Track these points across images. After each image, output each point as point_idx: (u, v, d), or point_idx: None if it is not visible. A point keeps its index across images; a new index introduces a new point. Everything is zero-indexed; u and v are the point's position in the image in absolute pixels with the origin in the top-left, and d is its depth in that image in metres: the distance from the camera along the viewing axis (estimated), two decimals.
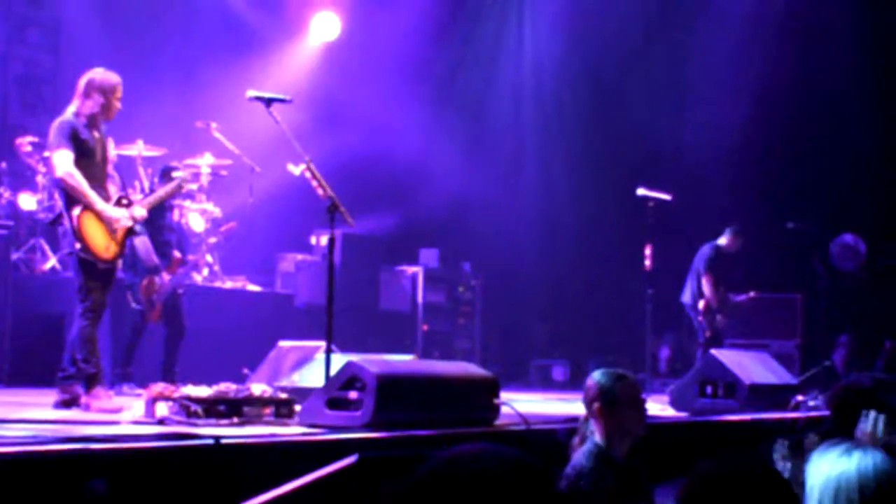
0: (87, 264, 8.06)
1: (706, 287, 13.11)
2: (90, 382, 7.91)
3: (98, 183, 8.23)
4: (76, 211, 8.01)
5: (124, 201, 8.39)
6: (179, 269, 10.91)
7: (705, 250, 13.30)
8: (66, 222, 8.05)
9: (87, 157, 8.13)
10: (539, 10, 17.90)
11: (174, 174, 8.91)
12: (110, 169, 8.55)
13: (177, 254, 10.99)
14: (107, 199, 8.26)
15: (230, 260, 13.36)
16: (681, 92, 17.11)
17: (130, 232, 8.38)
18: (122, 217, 8.21)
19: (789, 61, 16.38)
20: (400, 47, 16.76)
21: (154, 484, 5.04)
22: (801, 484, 3.58)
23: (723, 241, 13.34)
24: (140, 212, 8.45)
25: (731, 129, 16.45)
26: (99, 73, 8.41)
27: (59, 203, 8.20)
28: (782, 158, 16.28)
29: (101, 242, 8.09)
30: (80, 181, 8.00)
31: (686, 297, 13.38)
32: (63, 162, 8.01)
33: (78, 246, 7.99)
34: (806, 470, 3.61)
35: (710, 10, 16.93)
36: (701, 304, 13.13)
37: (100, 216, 8.08)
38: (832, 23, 16.27)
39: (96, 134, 8.28)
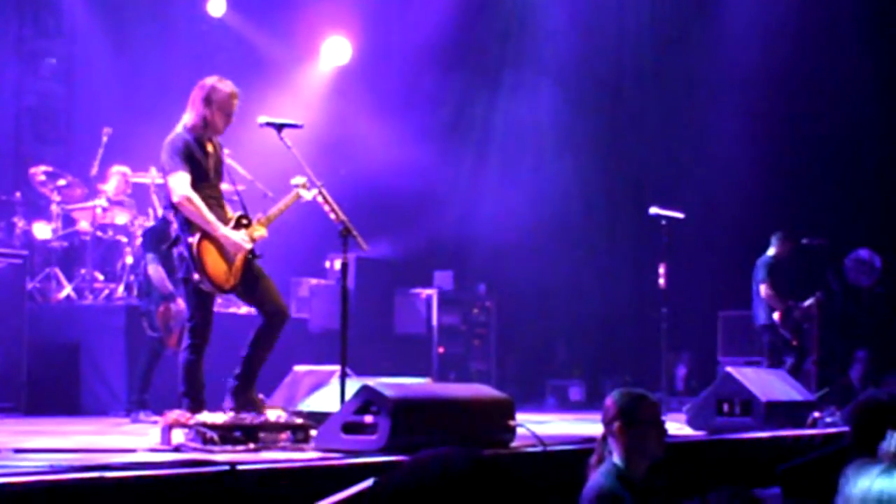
0: (203, 295, 7.70)
1: (767, 293, 12.91)
2: None
3: (216, 202, 7.79)
4: (194, 238, 7.53)
5: (244, 221, 7.90)
6: None
7: (760, 263, 13.17)
8: (182, 248, 7.61)
9: (203, 177, 7.70)
10: (552, 29, 17.90)
11: (292, 181, 8.15)
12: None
13: None
14: (225, 219, 7.79)
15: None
16: (694, 109, 17.09)
17: (251, 254, 7.86)
18: (242, 241, 7.72)
19: (803, 77, 16.37)
20: (411, 70, 16.80)
21: None
22: None
23: (772, 250, 13.19)
24: (261, 232, 7.94)
25: (744, 145, 16.42)
26: (208, 82, 7.79)
27: (174, 226, 7.70)
28: (796, 174, 16.24)
29: (221, 272, 7.64)
30: (199, 206, 7.52)
31: (761, 318, 13.20)
32: (179, 185, 7.52)
33: (196, 277, 7.54)
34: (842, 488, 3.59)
35: (723, 29, 16.92)
36: (776, 315, 12.97)
37: (220, 243, 7.64)
38: (845, 39, 16.25)
39: (210, 148, 7.80)
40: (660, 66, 17.62)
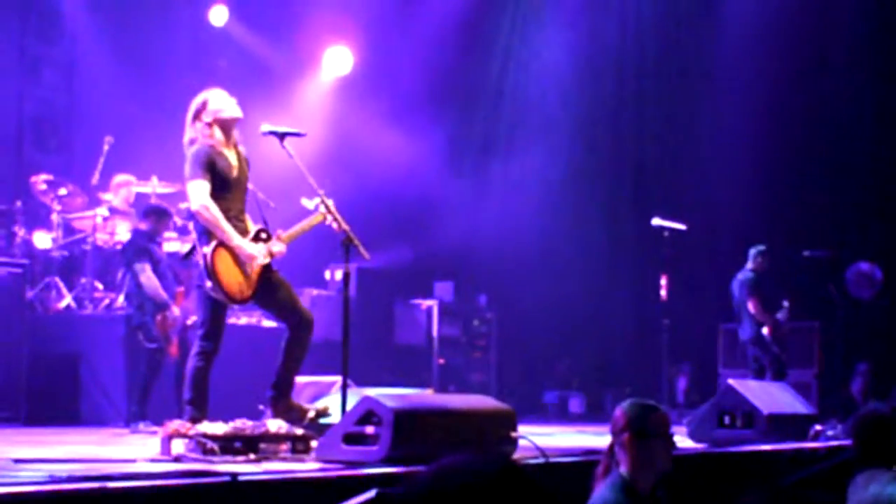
0: (216, 303, 7.67)
1: (755, 309, 12.85)
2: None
3: (235, 214, 7.77)
4: (209, 248, 7.52)
5: (263, 234, 7.89)
6: (183, 301, 10.93)
7: (741, 278, 13.11)
8: (198, 257, 7.62)
9: (224, 188, 7.69)
10: (551, 42, 17.89)
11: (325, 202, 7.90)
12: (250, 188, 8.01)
13: (179, 289, 11.03)
14: (244, 231, 7.80)
15: None
16: (695, 122, 17.09)
17: (268, 269, 7.84)
18: (258, 255, 7.73)
19: (805, 89, 16.36)
20: (412, 81, 16.79)
21: None
22: None
23: (751, 265, 13.16)
24: (279, 247, 7.90)
25: (746, 158, 16.41)
26: (201, 96, 7.86)
27: (194, 235, 7.77)
28: (797, 187, 16.23)
29: (235, 283, 7.61)
30: (215, 215, 7.54)
31: (747, 332, 13.11)
32: (197, 194, 7.55)
33: (209, 284, 7.51)
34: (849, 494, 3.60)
35: (723, 40, 16.91)
36: (765, 329, 12.92)
37: (235, 253, 7.63)
38: (846, 46, 16.24)
39: (234, 160, 7.80)
40: (661, 75, 17.62)
